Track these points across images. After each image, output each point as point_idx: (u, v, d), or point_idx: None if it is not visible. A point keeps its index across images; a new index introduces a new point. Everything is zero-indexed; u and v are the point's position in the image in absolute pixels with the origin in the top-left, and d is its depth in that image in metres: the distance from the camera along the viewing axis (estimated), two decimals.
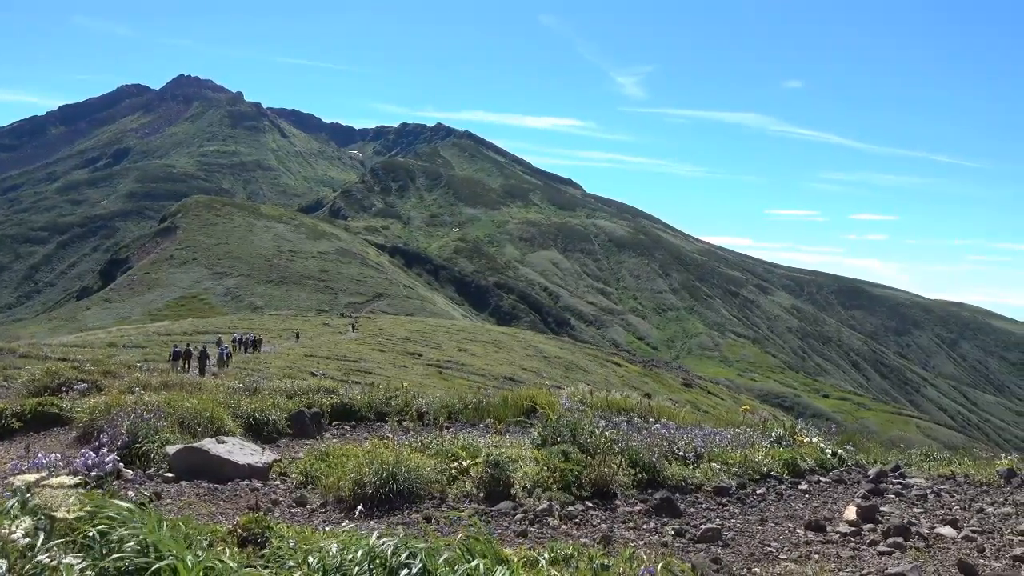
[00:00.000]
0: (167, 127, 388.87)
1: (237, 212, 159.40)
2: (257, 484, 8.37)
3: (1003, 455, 10.37)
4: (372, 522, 6.61)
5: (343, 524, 6.39)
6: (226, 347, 36.23)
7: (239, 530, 4.83)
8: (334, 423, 13.72)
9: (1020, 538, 6.33)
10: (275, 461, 9.25)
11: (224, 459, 8.57)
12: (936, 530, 6.63)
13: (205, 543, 4.32)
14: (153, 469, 8.59)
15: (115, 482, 7.45)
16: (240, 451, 8.96)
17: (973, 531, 6.58)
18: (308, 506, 7.52)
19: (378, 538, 3.89)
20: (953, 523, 6.80)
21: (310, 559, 3.72)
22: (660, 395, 38.99)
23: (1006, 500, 7.79)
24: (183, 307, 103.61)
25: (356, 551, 3.66)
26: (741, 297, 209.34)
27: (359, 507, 7.00)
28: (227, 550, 4.36)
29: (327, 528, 5.77)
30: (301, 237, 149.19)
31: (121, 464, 8.26)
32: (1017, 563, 5.71)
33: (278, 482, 8.59)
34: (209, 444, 8.86)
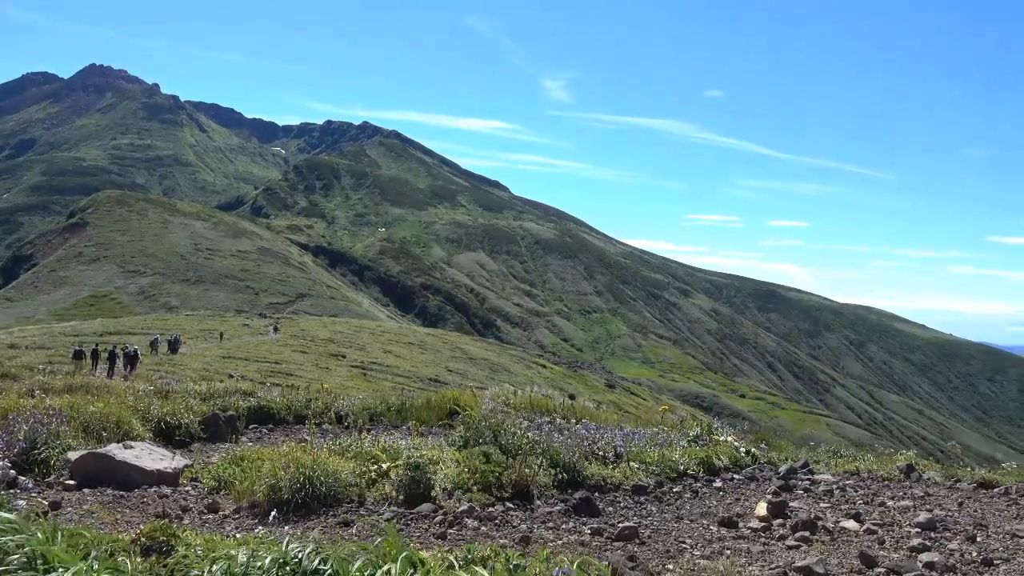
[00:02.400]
0: (77, 118, 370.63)
1: (152, 208, 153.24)
2: (166, 490, 8.05)
3: (904, 451, 10.91)
4: (287, 528, 6.44)
5: (256, 530, 6.20)
6: (136, 347, 34.77)
7: (143, 539, 4.62)
8: (251, 426, 13.36)
9: (917, 530, 6.66)
10: (186, 466, 8.93)
11: (131, 465, 8.21)
12: (841, 524, 6.91)
13: (105, 553, 4.12)
14: (53, 477, 8.16)
15: (9, 491, 7.03)
16: (149, 456, 8.61)
17: (875, 524, 6.88)
18: (220, 512, 7.27)
19: (289, 544, 3.78)
20: (856, 517, 7.10)
21: (215, 567, 3.58)
22: (584, 396, 39.43)
23: (905, 494, 8.19)
24: (92, 307, 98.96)
25: (265, 558, 3.54)
26: (663, 300, 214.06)
27: (273, 512, 6.81)
28: (128, 560, 4.17)
29: (238, 535, 5.59)
30: (220, 235, 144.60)
31: (16, 472, 7.81)
32: (914, 553, 6.00)
33: (189, 488, 8.28)
34: (115, 449, 8.47)
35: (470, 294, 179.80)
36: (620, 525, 6.72)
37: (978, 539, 6.39)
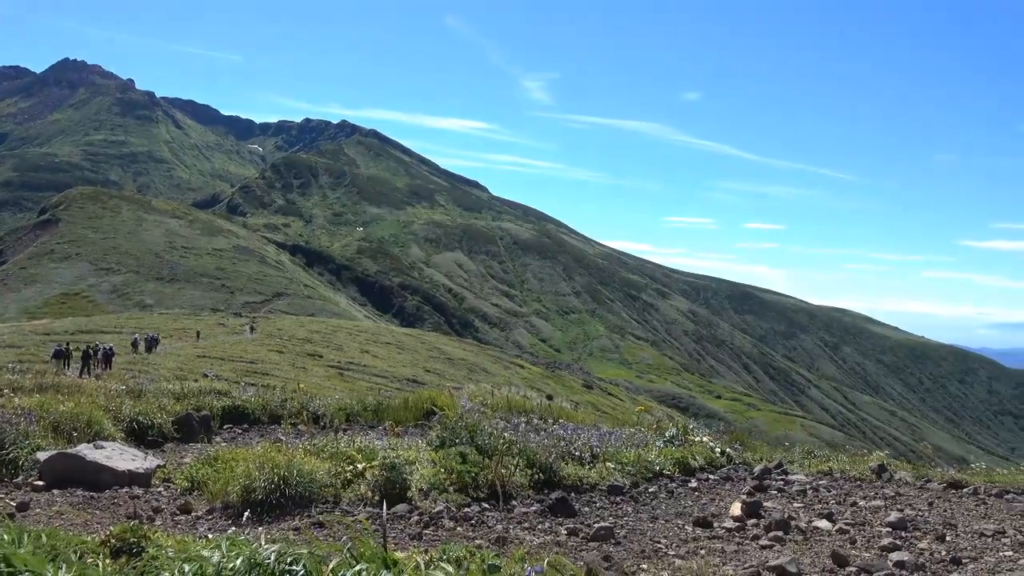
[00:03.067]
0: (49, 113, 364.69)
1: (126, 205, 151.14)
2: (138, 491, 7.95)
3: (876, 452, 11.04)
4: (261, 528, 6.38)
5: (229, 531, 6.14)
6: (109, 345, 34.28)
7: (113, 540, 4.55)
8: (225, 426, 13.24)
9: (888, 529, 6.74)
10: (159, 467, 8.82)
11: (102, 465, 8.09)
12: (814, 523, 6.98)
13: (73, 556, 4.05)
14: (21, 478, 8.03)
15: None
16: (120, 456, 8.49)
17: (847, 523, 6.96)
18: (193, 513, 7.19)
19: (262, 544, 3.74)
20: (829, 516, 7.18)
21: (186, 569, 3.53)
22: (562, 396, 39.52)
23: (877, 494, 8.29)
24: (64, 305, 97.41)
25: (236, 559, 3.50)
26: (641, 301, 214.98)
27: (247, 513, 6.74)
28: (98, 562, 4.11)
29: (211, 536, 5.52)
30: (196, 233, 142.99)
31: None
32: (884, 553, 6.07)
33: (161, 489, 8.19)
34: (85, 450, 8.35)
35: (448, 294, 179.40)
36: (596, 525, 6.74)
37: (947, 538, 6.48)
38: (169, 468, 8.97)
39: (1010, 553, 6.02)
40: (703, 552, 6.15)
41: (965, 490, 8.39)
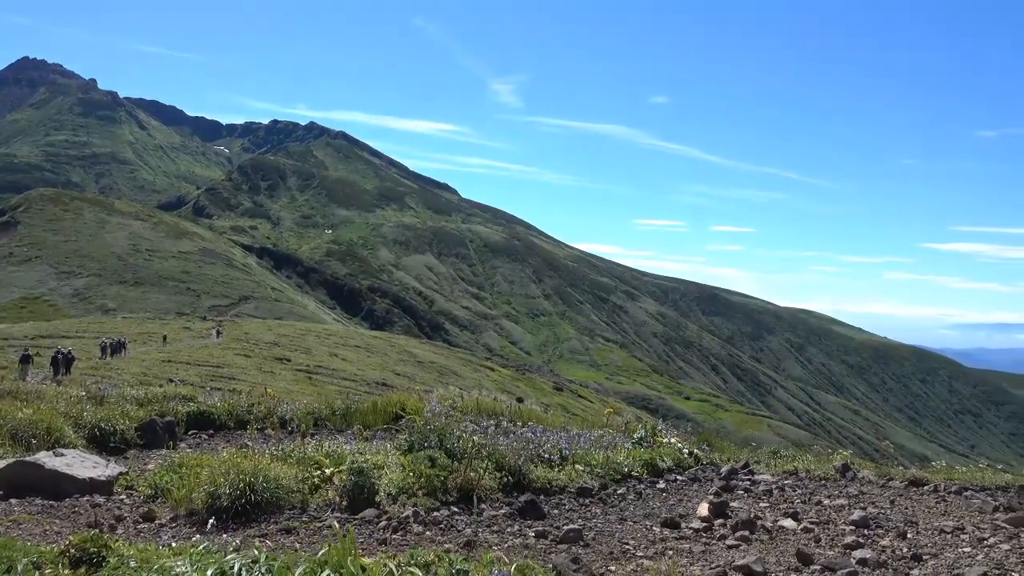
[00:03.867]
0: (8, 113, 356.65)
1: (88, 207, 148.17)
2: (100, 499, 7.79)
3: (841, 451, 11.22)
4: (226, 536, 6.29)
5: (194, 539, 6.04)
6: (68, 349, 33.60)
7: (72, 550, 4.45)
8: (190, 432, 13.04)
9: (851, 527, 6.85)
10: (121, 474, 8.65)
11: (61, 473, 7.91)
12: (779, 523, 7.07)
13: (30, 566, 3.97)
14: None
15: None
16: (81, 464, 8.31)
17: (811, 522, 7.06)
18: (156, 521, 7.07)
19: (226, 553, 3.69)
20: (794, 515, 7.28)
21: None
22: (532, 399, 39.50)
23: (841, 492, 8.42)
24: (24, 309, 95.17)
25: (205, 570, 3.44)
26: (610, 303, 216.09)
27: (211, 520, 6.64)
28: (57, 573, 4.03)
29: (174, 544, 5.43)
30: (160, 236, 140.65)
31: None
32: (848, 550, 6.17)
33: (124, 496, 8.03)
34: (44, 457, 8.16)
35: (418, 297, 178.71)
36: (565, 527, 6.76)
37: (908, 535, 6.61)
38: (132, 475, 8.80)
39: (968, 549, 6.15)
40: (671, 553, 6.19)
41: (926, 488, 8.56)
